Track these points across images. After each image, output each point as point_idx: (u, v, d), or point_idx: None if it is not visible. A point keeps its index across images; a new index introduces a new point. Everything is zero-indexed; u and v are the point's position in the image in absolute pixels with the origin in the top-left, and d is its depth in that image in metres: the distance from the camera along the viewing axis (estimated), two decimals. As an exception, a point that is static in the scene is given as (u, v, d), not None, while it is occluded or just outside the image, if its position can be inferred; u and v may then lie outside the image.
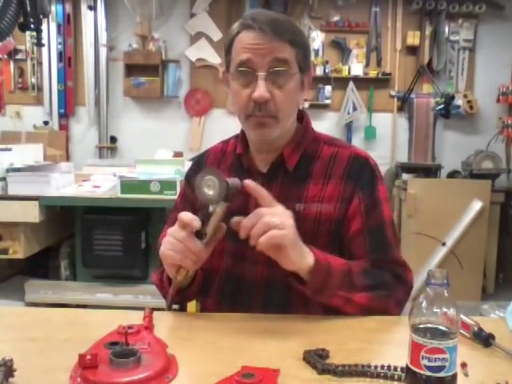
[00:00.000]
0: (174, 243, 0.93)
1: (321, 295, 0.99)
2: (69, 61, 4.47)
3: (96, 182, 2.72)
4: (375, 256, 1.09)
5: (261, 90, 1.02)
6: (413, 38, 4.37)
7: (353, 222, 1.10)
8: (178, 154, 3.61)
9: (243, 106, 1.06)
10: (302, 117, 1.18)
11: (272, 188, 1.09)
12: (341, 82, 4.41)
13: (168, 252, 0.94)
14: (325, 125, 4.28)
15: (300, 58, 1.05)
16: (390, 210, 1.15)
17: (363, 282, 1.03)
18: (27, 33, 4.15)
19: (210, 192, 0.89)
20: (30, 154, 2.90)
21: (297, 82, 1.06)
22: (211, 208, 0.93)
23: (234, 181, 0.93)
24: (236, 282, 1.12)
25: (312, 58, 4.43)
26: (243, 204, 1.07)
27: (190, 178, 1.24)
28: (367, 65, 4.47)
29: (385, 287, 1.06)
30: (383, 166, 4.05)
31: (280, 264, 0.94)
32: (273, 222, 0.89)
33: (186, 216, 0.92)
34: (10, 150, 2.69)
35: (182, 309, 1.25)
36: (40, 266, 2.91)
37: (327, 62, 4.40)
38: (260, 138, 1.09)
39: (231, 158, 1.21)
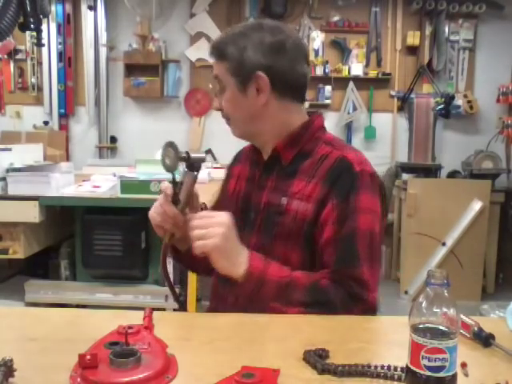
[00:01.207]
0: (157, 207, 1.11)
1: (253, 303, 1.04)
2: (69, 61, 4.47)
3: (96, 181, 2.71)
4: (338, 269, 1.06)
5: (212, 103, 1.30)
6: (413, 38, 4.37)
7: (325, 229, 1.08)
8: (178, 154, 3.61)
9: None
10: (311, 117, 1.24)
11: (269, 179, 1.19)
12: (341, 82, 4.41)
13: (152, 214, 1.12)
14: (325, 125, 4.26)
15: (231, 67, 1.15)
16: (368, 221, 1.08)
17: (302, 298, 1.03)
18: (27, 33, 4.15)
19: (167, 161, 1.06)
20: (30, 154, 2.90)
21: (232, 90, 1.16)
22: (182, 178, 1.09)
23: (198, 155, 1.08)
24: None
25: (312, 57, 4.43)
26: (250, 192, 1.22)
27: (227, 169, 1.40)
28: (367, 65, 4.47)
29: (326, 306, 1.03)
30: (383, 166, 4.06)
31: None
32: (200, 233, 1.01)
33: (164, 185, 1.10)
34: (10, 150, 2.68)
35: (182, 309, 1.25)
36: (40, 266, 2.91)
37: (327, 62, 4.41)
38: (234, 135, 1.25)
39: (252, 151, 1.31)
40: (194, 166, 1.08)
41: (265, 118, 1.17)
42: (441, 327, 0.67)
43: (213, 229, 1.01)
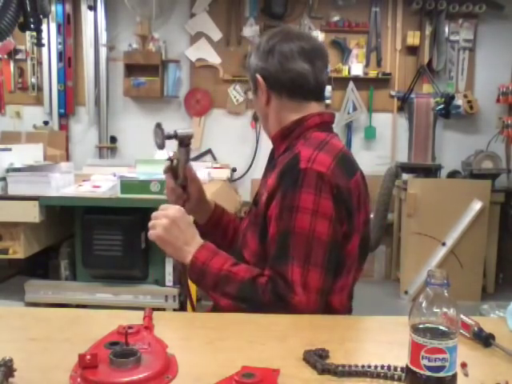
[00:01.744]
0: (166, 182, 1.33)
1: (200, 288, 1.18)
2: (69, 61, 4.47)
3: (96, 181, 2.71)
4: (271, 266, 1.08)
5: None
6: (413, 38, 4.37)
7: (270, 225, 1.11)
8: (178, 154, 3.61)
9: None
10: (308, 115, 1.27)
11: (269, 170, 1.26)
12: (341, 82, 4.41)
13: (166, 192, 1.34)
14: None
15: (248, 73, 1.30)
16: (307, 221, 1.05)
17: (232, 292, 1.09)
18: (27, 33, 4.14)
19: (157, 140, 1.23)
20: (30, 153, 2.90)
21: (252, 91, 1.31)
22: (177, 155, 1.26)
23: (185, 131, 1.24)
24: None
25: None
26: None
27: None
28: (367, 65, 4.47)
29: (252, 303, 1.06)
30: (383, 166, 4.07)
31: None
32: (150, 223, 1.17)
33: (165, 164, 1.30)
34: (9, 150, 2.68)
35: (182, 309, 1.27)
36: (40, 266, 2.91)
37: (327, 62, 4.40)
38: None
39: None
40: (183, 142, 1.23)
41: (270, 115, 1.27)
42: (441, 327, 0.67)
43: (158, 221, 1.15)
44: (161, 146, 1.23)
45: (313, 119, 1.23)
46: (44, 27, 3.74)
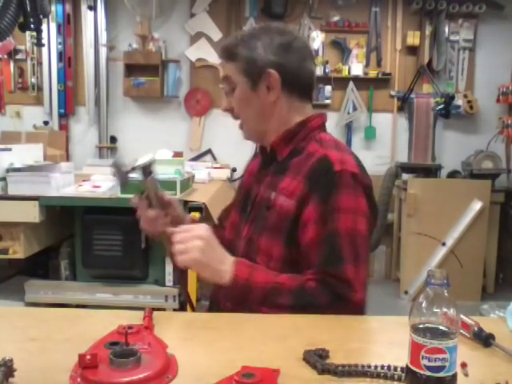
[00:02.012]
0: (141, 219, 1.29)
1: (242, 307, 1.07)
2: (69, 61, 4.47)
3: (96, 182, 2.72)
4: (322, 269, 1.06)
5: (222, 104, 1.26)
6: (413, 38, 4.37)
7: (307, 229, 1.09)
8: (178, 154, 3.62)
9: None
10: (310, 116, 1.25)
11: (267, 174, 1.24)
12: (341, 82, 4.41)
13: (142, 226, 1.30)
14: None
15: (242, 67, 1.18)
16: (349, 221, 1.08)
17: (287, 302, 1.05)
18: (27, 33, 4.14)
19: (118, 177, 1.20)
20: (29, 154, 2.90)
21: (244, 90, 1.20)
22: (144, 186, 1.21)
23: (143, 161, 1.18)
24: (233, 254, 1.17)
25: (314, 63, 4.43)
26: (252, 186, 1.28)
27: (247, 166, 1.46)
28: (367, 65, 4.46)
29: (313, 309, 1.03)
30: (383, 166, 4.07)
31: None
32: (178, 249, 1.05)
33: (133, 199, 1.26)
34: (9, 150, 2.68)
35: (182, 309, 1.26)
36: (40, 266, 2.91)
37: (327, 62, 4.40)
38: (244, 137, 1.30)
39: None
40: (145, 172, 1.17)
41: (273, 115, 1.21)
42: (441, 327, 0.67)
43: (191, 243, 1.05)
44: (124, 183, 1.19)
45: (316, 121, 1.23)
46: (44, 27, 3.75)
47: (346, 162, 1.12)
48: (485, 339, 0.87)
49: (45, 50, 4.40)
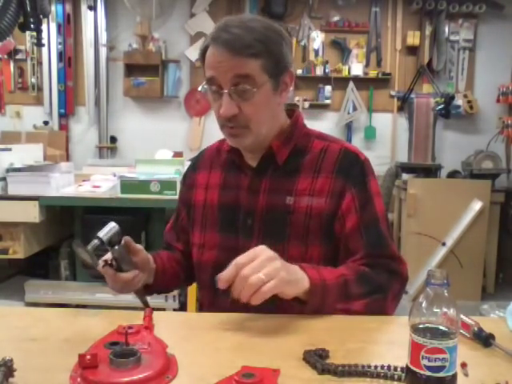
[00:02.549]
0: (114, 286, 1.14)
1: (320, 312, 1.00)
2: (69, 61, 4.47)
3: (96, 181, 2.72)
4: (371, 252, 1.10)
5: (224, 107, 1.09)
6: (413, 38, 4.37)
7: (348, 218, 1.11)
8: (178, 154, 3.62)
9: (217, 117, 1.16)
10: (293, 113, 1.21)
11: (262, 182, 1.15)
12: (341, 82, 4.41)
13: (118, 292, 1.17)
14: (325, 125, 4.28)
15: (268, 65, 1.06)
16: (382, 203, 1.15)
17: (359, 290, 1.04)
18: (27, 33, 4.15)
19: (87, 260, 1.05)
20: (30, 154, 2.90)
21: (267, 91, 1.07)
22: (112, 253, 1.08)
23: (106, 232, 1.06)
24: None
25: (312, 57, 4.44)
26: (235, 199, 1.17)
27: (186, 177, 1.34)
28: (367, 65, 4.47)
29: (380, 290, 1.06)
30: (383, 166, 4.07)
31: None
32: (259, 279, 0.88)
33: (102, 270, 1.09)
34: (9, 150, 2.69)
35: (182, 309, 1.26)
36: (40, 266, 2.91)
37: (327, 62, 4.41)
38: (235, 145, 1.17)
39: (225, 155, 1.26)
40: (111, 243, 1.06)
41: (276, 117, 1.16)
42: (441, 327, 0.67)
43: (269, 266, 0.90)
44: (95, 264, 1.06)
45: (300, 117, 1.22)
46: (44, 27, 3.75)
47: (358, 149, 1.19)
48: (485, 339, 0.87)
49: (45, 50, 4.40)
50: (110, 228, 1.07)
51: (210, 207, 1.22)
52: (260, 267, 0.89)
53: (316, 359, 0.78)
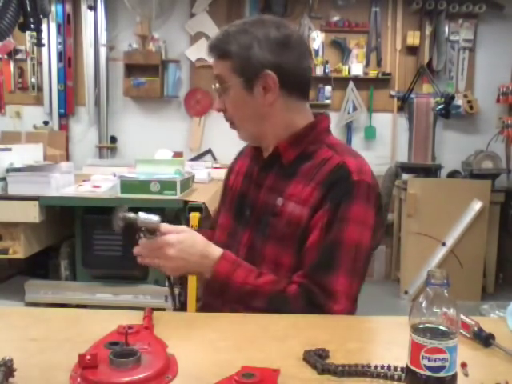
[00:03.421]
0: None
1: (220, 302, 1.10)
2: (69, 61, 4.47)
3: (96, 182, 2.71)
4: (311, 275, 1.04)
5: (214, 103, 1.22)
6: (413, 38, 4.37)
7: (312, 232, 1.06)
8: (178, 154, 3.62)
9: None
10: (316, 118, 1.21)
11: (267, 177, 1.18)
12: (341, 82, 4.41)
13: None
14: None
15: (237, 67, 1.11)
16: (357, 232, 1.05)
17: (261, 305, 1.05)
18: (27, 33, 4.14)
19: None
20: (30, 154, 2.89)
21: (239, 90, 1.12)
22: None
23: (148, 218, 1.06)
24: None
25: (312, 57, 4.43)
26: (247, 188, 1.23)
27: (232, 162, 1.40)
28: (367, 65, 4.47)
29: (281, 313, 1.02)
30: (383, 166, 4.06)
31: None
32: (156, 264, 1.07)
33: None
34: (9, 150, 2.68)
35: (182, 309, 1.26)
36: (40, 266, 2.91)
37: (327, 62, 4.41)
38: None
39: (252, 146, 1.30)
40: (151, 231, 1.06)
41: (271, 117, 1.15)
42: (441, 327, 0.67)
43: (169, 262, 1.05)
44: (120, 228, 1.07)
45: (324, 123, 1.20)
46: (44, 27, 3.74)
47: (364, 171, 1.09)
48: (485, 339, 0.87)
49: (45, 50, 4.40)
50: (155, 218, 1.07)
51: (233, 192, 1.29)
52: (153, 255, 1.05)
53: (316, 359, 0.78)
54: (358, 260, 1.05)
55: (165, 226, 1.06)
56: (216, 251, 1.09)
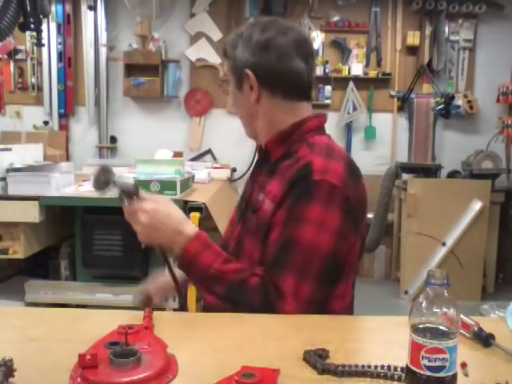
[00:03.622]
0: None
1: (188, 275, 1.14)
2: (69, 61, 4.47)
3: (96, 182, 2.71)
4: (267, 270, 1.06)
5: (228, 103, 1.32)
6: (413, 38, 4.37)
7: (274, 229, 1.08)
8: (178, 154, 3.62)
9: None
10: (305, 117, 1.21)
11: (260, 173, 1.25)
12: (341, 82, 4.41)
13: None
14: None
15: (231, 65, 1.20)
16: (312, 233, 1.03)
17: (221, 292, 1.08)
18: (27, 33, 4.14)
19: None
20: (30, 154, 2.90)
21: (233, 88, 1.21)
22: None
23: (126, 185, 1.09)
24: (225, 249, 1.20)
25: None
26: (249, 183, 1.30)
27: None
28: (367, 65, 4.47)
29: (238, 305, 1.05)
30: (383, 166, 4.07)
31: None
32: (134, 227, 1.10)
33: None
34: (9, 150, 2.68)
35: (182, 309, 1.25)
36: (40, 266, 2.91)
37: (327, 62, 4.41)
38: None
39: None
40: (130, 194, 1.08)
41: (259, 115, 1.20)
42: (441, 327, 0.67)
43: (141, 227, 1.08)
44: (100, 187, 1.08)
45: (312, 122, 1.19)
46: (44, 27, 3.74)
47: (329, 171, 1.06)
48: (485, 339, 0.87)
49: (45, 50, 4.40)
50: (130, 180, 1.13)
51: (246, 188, 1.35)
52: (137, 221, 1.07)
53: (316, 359, 0.78)
54: (312, 262, 1.03)
55: (146, 194, 1.10)
56: (191, 229, 1.11)
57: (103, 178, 1.07)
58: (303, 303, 1.02)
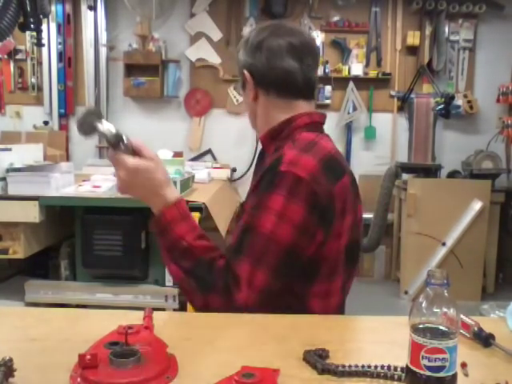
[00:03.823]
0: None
1: (158, 240, 1.13)
2: (69, 61, 4.47)
3: (96, 182, 2.71)
4: (227, 255, 1.08)
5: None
6: (413, 38, 4.37)
7: (242, 217, 1.13)
8: (178, 154, 3.62)
9: None
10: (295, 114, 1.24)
11: (259, 169, 1.26)
12: (341, 82, 4.41)
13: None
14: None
15: (238, 67, 1.28)
16: (271, 223, 1.04)
17: (187, 266, 1.09)
18: (27, 33, 4.15)
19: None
20: (30, 154, 2.90)
21: (240, 86, 1.31)
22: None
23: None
24: None
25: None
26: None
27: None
28: (367, 65, 4.47)
29: (201, 283, 1.07)
30: (383, 166, 4.07)
31: None
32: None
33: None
34: (9, 150, 2.68)
35: (182, 309, 1.26)
36: (40, 266, 2.91)
37: (327, 62, 4.41)
38: None
39: None
40: (116, 141, 1.04)
41: (257, 113, 1.26)
42: (441, 327, 0.67)
43: (123, 183, 1.08)
44: (82, 128, 1.03)
45: (301, 119, 1.21)
46: (44, 27, 3.75)
47: (298, 163, 1.06)
48: (485, 339, 0.87)
49: (45, 50, 4.40)
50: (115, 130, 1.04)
51: None
52: (116, 174, 1.07)
53: (316, 359, 0.78)
54: (270, 252, 1.04)
55: (138, 145, 1.08)
56: (171, 195, 1.11)
57: (87, 122, 1.02)
58: (256, 291, 1.03)
